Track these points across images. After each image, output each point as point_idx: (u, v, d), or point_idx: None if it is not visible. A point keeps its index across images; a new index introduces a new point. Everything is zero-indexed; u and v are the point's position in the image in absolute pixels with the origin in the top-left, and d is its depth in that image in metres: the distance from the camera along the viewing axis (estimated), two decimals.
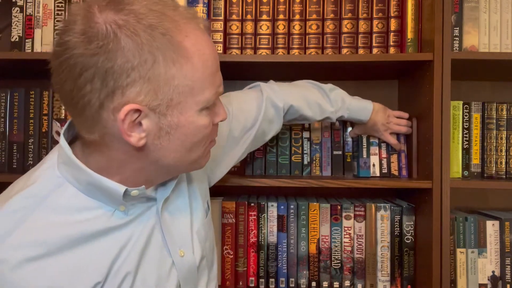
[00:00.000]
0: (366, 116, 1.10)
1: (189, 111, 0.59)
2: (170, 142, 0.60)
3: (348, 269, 1.17)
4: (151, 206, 0.68)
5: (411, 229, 1.15)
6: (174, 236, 0.70)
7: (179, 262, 0.69)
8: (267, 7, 1.15)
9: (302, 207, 1.17)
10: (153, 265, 0.66)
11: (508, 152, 1.15)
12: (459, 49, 1.10)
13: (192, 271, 0.72)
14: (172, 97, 0.57)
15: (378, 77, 1.35)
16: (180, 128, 0.60)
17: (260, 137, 0.97)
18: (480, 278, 1.13)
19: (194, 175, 0.80)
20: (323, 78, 1.35)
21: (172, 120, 0.59)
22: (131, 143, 0.58)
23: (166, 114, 0.58)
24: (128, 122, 0.56)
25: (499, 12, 1.10)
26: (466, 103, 1.16)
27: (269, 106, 0.95)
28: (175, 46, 0.56)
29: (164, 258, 0.68)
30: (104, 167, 0.61)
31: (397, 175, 1.17)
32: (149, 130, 0.58)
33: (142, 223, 0.66)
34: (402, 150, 1.17)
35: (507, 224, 1.13)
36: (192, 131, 0.61)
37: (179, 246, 0.70)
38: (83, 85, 0.54)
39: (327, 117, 1.06)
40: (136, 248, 0.64)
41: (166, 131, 0.59)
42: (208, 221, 0.80)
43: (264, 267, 1.18)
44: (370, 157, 1.17)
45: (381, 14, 1.14)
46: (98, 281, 0.60)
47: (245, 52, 1.15)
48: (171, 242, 0.69)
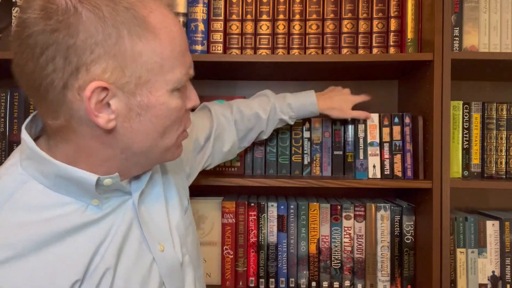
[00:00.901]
0: (314, 109, 1.08)
1: (160, 90, 0.57)
2: (141, 125, 0.58)
3: (348, 269, 1.17)
4: (126, 200, 0.65)
5: (411, 229, 1.15)
6: (152, 230, 0.67)
7: (160, 257, 0.67)
8: (267, 7, 1.15)
9: (302, 207, 1.17)
10: (133, 261, 0.64)
11: (508, 152, 1.15)
12: (459, 49, 1.10)
13: (175, 267, 0.70)
14: (140, 75, 0.55)
15: (378, 77, 1.35)
16: (151, 109, 0.57)
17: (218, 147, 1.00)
18: (480, 278, 1.13)
19: (169, 167, 0.78)
20: (323, 78, 1.36)
21: (142, 100, 0.56)
22: (100, 124, 0.55)
23: (135, 94, 0.56)
24: (95, 101, 0.53)
25: (499, 12, 1.10)
26: (466, 103, 1.16)
27: (219, 115, 1.00)
28: (140, 21, 0.54)
29: (144, 253, 0.65)
30: (72, 157, 0.58)
31: (400, 177, 1.13)
32: (118, 111, 0.55)
33: (119, 218, 0.63)
34: (407, 150, 1.14)
35: (507, 224, 1.13)
36: (164, 113, 0.59)
37: (159, 241, 0.68)
38: (45, 64, 0.51)
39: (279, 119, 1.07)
40: (114, 243, 0.61)
41: (137, 113, 0.57)
42: (188, 218, 0.79)
43: (264, 267, 1.18)
44: (369, 158, 1.14)
45: (381, 14, 1.14)
46: (77, 279, 0.57)
47: (245, 52, 1.15)
48: (149, 236, 0.66)
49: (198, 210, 1.20)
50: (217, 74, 1.33)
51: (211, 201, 1.21)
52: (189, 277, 0.74)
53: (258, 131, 1.06)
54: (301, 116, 1.09)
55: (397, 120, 1.14)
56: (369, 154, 1.13)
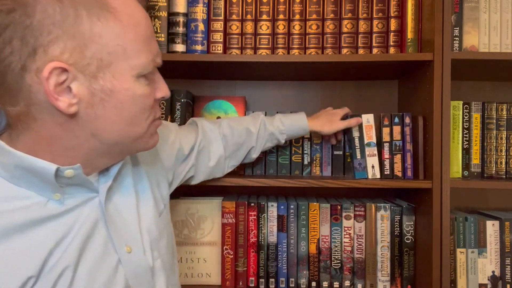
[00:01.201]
0: (304, 124, 1.07)
1: (124, 75, 0.56)
2: (106, 111, 0.56)
3: (348, 269, 1.17)
4: (93, 198, 0.62)
5: (411, 229, 1.15)
6: (120, 230, 0.65)
7: (126, 259, 0.64)
8: (267, 7, 1.15)
9: (302, 207, 1.17)
10: (97, 261, 0.61)
11: (508, 152, 1.15)
12: (459, 49, 1.10)
13: (143, 270, 0.67)
14: (102, 57, 0.54)
15: (378, 77, 1.35)
16: (115, 95, 0.56)
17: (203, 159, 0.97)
18: (480, 278, 1.13)
19: (142, 158, 0.75)
20: (323, 78, 1.36)
21: (105, 84, 0.55)
22: (61, 108, 0.53)
23: (97, 77, 0.54)
24: (54, 83, 0.52)
25: (499, 12, 1.10)
26: (466, 103, 1.16)
27: (206, 129, 0.98)
28: (99, 2, 0.53)
29: (108, 254, 0.63)
30: (33, 147, 0.56)
31: (400, 177, 1.13)
32: (80, 95, 0.54)
33: (83, 215, 0.61)
34: (407, 150, 1.13)
35: (507, 224, 1.13)
36: (129, 100, 0.57)
37: (126, 242, 0.65)
38: (2, 47, 0.50)
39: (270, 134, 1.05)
40: (76, 241, 0.59)
41: (100, 98, 0.55)
42: (163, 220, 0.76)
43: (264, 267, 1.18)
44: (367, 158, 1.13)
45: (381, 14, 1.14)
46: (31, 275, 0.54)
47: (245, 52, 1.15)
48: (116, 236, 0.64)
49: (198, 210, 1.20)
50: (217, 74, 1.33)
51: (211, 201, 1.21)
52: (161, 283, 0.71)
53: (248, 147, 1.04)
54: (291, 132, 1.07)
55: (397, 120, 1.14)
56: (367, 155, 1.13)
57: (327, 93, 1.39)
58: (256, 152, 1.06)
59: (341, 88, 1.39)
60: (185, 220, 1.20)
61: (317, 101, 1.39)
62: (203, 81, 1.40)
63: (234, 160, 1.05)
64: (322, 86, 1.40)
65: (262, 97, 1.39)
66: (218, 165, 1.00)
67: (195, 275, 1.19)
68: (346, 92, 1.39)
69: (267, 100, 1.39)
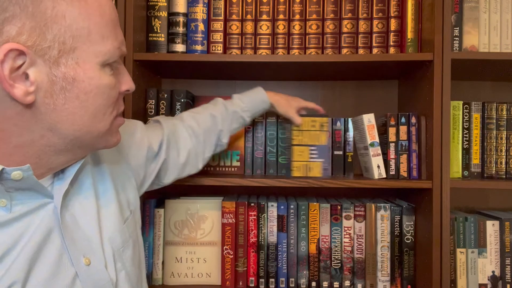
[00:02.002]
0: (263, 95, 1.06)
1: (88, 62, 0.51)
2: (67, 102, 0.50)
3: (348, 269, 1.17)
4: (46, 204, 0.55)
5: (411, 229, 1.15)
6: (77, 241, 0.58)
7: (84, 272, 0.57)
8: (267, 7, 1.15)
9: (302, 207, 1.17)
10: (49, 275, 0.54)
11: (508, 152, 1.15)
12: (459, 49, 1.10)
13: (104, 284, 0.60)
14: (64, 40, 0.48)
15: (378, 77, 1.35)
16: (78, 84, 0.50)
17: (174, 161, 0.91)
18: (480, 278, 1.13)
19: (105, 157, 0.68)
20: (323, 78, 1.36)
21: (68, 71, 0.49)
22: (16, 96, 0.47)
23: (59, 63, 0.49)
24: (9, 67, 0.46)
25: (499, 12, 1.10)
26: (466, 103, 1.16)
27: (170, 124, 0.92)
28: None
29: (64, 267, 0.56)
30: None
31: (406, 177, 1.12)
32: (38, 82, 0.48)
33: (34, 223, 0.54)
34: (413, 150, 1.12)
35: (507, 224, 1.13)
36: (93, 90, 0.52)
37: (84, 253, 0.58)
38: None
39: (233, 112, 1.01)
40: (24, 254, 0.52)
41: (61, 86, 0.49)
42: (128, 229, 0.69)
43: (264, 267, 1.18)
44: (372, 158, 1.12)
45: (381, 14, 1.14)
46: None
47: (245, 52, 1.15)
48: (73, 247, 0.57)
49: (198, 210, 1.20)
50: (217, 74, 1.33)
51: (211, 201, 1.21)
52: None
53: (216, 132, 0.99)
54: (253, 107, 1.04)
55: (403, 120, 1.13)
56: (371, 155, 1.12)
57: (327, 93, 1.39)
58: (225, 136, 1.01)
59: (341, 88, 1.39)
60: (185, 220, 1.20)
61: (317, 101, 1.39)
62: (203, 81, 1.40)
63: (207, 150, 0.99)
64: (322, 86, 1.40)
65: None
66: (189, 160, 0.94)
67: (195, 275, 1.19)
68: (346, 92, 1.39)
69: None
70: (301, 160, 1.16)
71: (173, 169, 0.92)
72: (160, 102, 1.16)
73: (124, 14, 1.07)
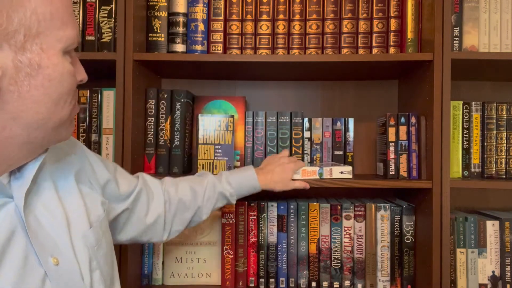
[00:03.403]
0: (254, 181, 0.98)
1: (52, 49, 0.50)
2: (32, 89, 0.48)
3: (348, 269, 1.17)
4: (6, 204, 0.53)
5: (411, 229, 1.15)
6: (43, 240, 0.55)
7: (54, 272, 0.55)
8: (267, 7, 1.15)
9: (302, 207, 1.17)
10: (16, 277, 0.51)
11: (508, 152, 1.15)
12: (459, 49, 1.10)
13: (75, 284, 0.58)
14: (30, 24, 0.47)
15: (378, 77, 1.35)
16: (43, 70, 0.49)
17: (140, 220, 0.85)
18: (480, 278, 1.13)
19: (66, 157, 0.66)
20: (323, 78, 1.36)
21: (33, 57, 0.48)
22: None
23: (25, 49, 0.47)
24: None
25: (499, 12, 1.10)
26: (466, 103, 1.16)
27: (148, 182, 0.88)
28: None
29: (32, 267, 0.53)
30: None
31: (406, 177, 1.12)
32: (3, 69, 0.46)
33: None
34: (413, 150, 1.12)
35: (507, 224, 1.13)
36: (57, 77, 0.50)
37: (51, 253, 0.56)
38: None
39: (219, 193, 0.95)
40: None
41: (26, 73, 0.47)
42: (101, 227, 0.67)
43: (264, 267, 1.18)
44: None
45: (381, 14, 1.14)
46: None
47: (245, 52, 1.15)
48: (39, 247, 0.54)
49: None
50: (217, 74, 1.33)
51: None
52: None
53: (193, 208, 0.92)
54: (242, 192, 0.98)
55: (403, 120, 1.13)
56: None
57: (327, 93, 1.39)
58: (205, 213, 0.94)
59: (341, 88, 1.39)
60: None
61: (317, 101, 1.39)
62: (203, 81, 1.40)
63: (176, 224, 0.91)
64: (322, 86, 1.40)
65: (262, 97, 1.39)
66: (155, 226, 0.87)
67: (195, 275, 1.19)
68: (346, 92, 1.39)
69: (267, 100, 1.39)
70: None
71: (135, 226, 0.85)
72: (160, 102, 1.16)
73: (124, 14, 1.07)
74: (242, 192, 0.98)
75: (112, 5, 1.13)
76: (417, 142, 1.13)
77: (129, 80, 1.07)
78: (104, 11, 1.13)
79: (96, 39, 1.13)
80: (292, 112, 1.20)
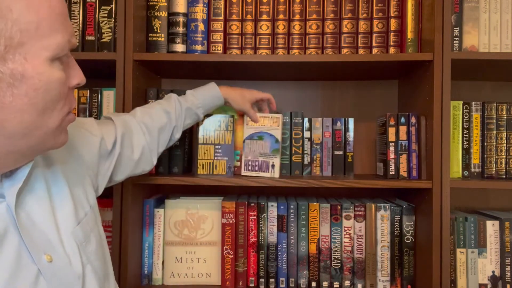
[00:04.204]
0: (217, 92, 1.07)
1: (37, 58, 0.49)
2: (15, 99, 0.48)
3: (348, 269, 1.17)
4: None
5: (411, 229, 1.15)
6: (35, 238, 0.57)
7: (47, 269, 0.56)
8: (267, 7, 1.15)
9: (302, 207, 1.17)
10: (9, 275, 0.53)
11: (508, 152, 1.15)
12: (459, 49, 1.10)
13: (69, 280, 0.60)
14: (11, 35, 0.47)
15: (378, 77, 1.35)
16: (27, 80, 0.48)
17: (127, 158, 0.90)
18: (480, 278, 1.13)
19: (57, 156, 0.67)
20: (323, 78, 1.36)
21: (15, 67, 0.47)
22: None
23: (6, 59, 0.47)
24: None
25: (499, 12, 1.10)
26: (466, 103, 1.16)
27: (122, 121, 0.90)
28: None
29: (25, 265, 0.55)
30: None
31: (406, 177, 1.13)
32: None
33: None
34: (413, 150, 1.12)
35: (507, 224, 1.13)
36: (43, 86, 0.50)
37: (44, 250, 0.57)
38: None
39: (186, 108, 1.02)
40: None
41: (8, 83, 0.47)
42: (88, 224, 0.68)
43: (264, 267, 1.18)
44: None
45: (381, 14, 1.14)
46: None
47: (245, 52, 1.15)
48: (32, 245, 0.55)
49: (198, 210, 1.20)
50: (217, 74, 1.33)
51: (211, 201, 1.21)
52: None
53: (170, 128, 1.00)
54: (207, 103, 1.05)
55: (403, 120, 1.13)
56: None
57: (327, 93, 1.39)
58: (178, 131, 1.02)
59: (341, 88, 1.39)
60: (185, 220, 1.20)
61: (317, 101, 1.39)
62: (203, 81, 1.40)
63: (161, 146, 0.99)
64: (322, 86, 1.40)
65: None
66: (143, 157, 0.93)
67: (195, 275, 1.19)
68: (346, 92, 1.39)
69: None
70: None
71: (126, 166, 0.90)
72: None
73: (124, 14, 1.07)
74: (206, 101, 1.05)
75: (112, 5, 1.13)
76: (417, 142, 1.13)
77: (129, 80, 1.07)
78: (104, 11, 1.13)
79: (96, 39, 1.13)
80: (292, 112, 1.20)
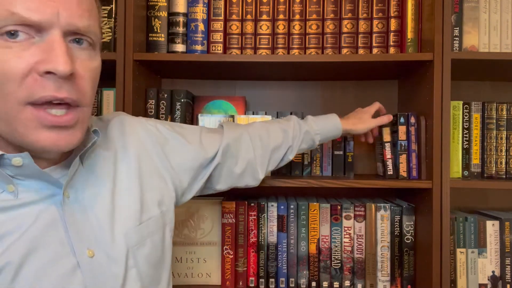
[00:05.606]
0: (338, 123, 1.01)
1: None
2: None
3: (348, 269, 1.17)
4: (56, 195, 0.56)
5: (411, 229, 1.15)
6: (82, 232, 0.58)
7: (86, 263, 0.57)
8: (267, 7, 1.15)
9: (302, 207, 1.17)
10: (46, 262, 0.54)
11: (508, 152, 1.15)
12: (459, 49, 1.10)
13: (108, 279, 0.59)
14: None
15: (378, 77, 1.35)
16: None
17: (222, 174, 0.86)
18: (480, 278, 1.13)
19: (137, 159, 0.67)
20: (323, 78, 1.36)
21: None
22: None
23: None
24: None
25: (499, 12, 1.10)
26: (466, 103, 1.16)
27: (231, 131, 0.87)
28: None
29: (64, 256, 0.56)
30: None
31: (405, 177, 1.12)
32: None
33: (39, 212, 0.55)
34: (413, 150, 1.12)
35: (507, 224, 1.13)
36: None
37: (88, 245, 0.58)
38: None
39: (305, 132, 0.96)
40: (25, 239, 0.53)
41: None
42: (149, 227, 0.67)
43: (264, 267, 1.18)
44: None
45: (381, 14, 1.14)
46: None
47: (245, 52, 1.15)
48: (76, 238, 0.57)
49: (198, 210, 1.20)
50: (217, 74, 1.33)
51: (211, 201, 1.21)
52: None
53: (286, 147, 0.93)
54: (325, 132, 0.99)
55: (402, 120, 1.13)
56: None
57: (327, 93, 1.39)
58: (292, 152, 0.95)
59: (341, 88, 1.39)
60: (185, 220, 1.20)
61: (317, 101, 1.39)
62: (203, 81, 1.40)
63: (271, 165, 0.93)
64: (322, 86, 1.40)
65: (262, 97, 1.39)
66: (247, 172, 0.88)
67: (195, 275, 1.19)
68: (346, 92, 1.39)
69: (267, 100, 1.39)
70: None
71: (227, 177, 0.86)
72: (160, 102, 1.16)
73: (124, 14, 1.07)
74: (325, 130, 0.99)
75: (112, 5, 1.13)
76: (417, 142, 1.13)
77: (129, 80, 1.07)
78: (104, 11, 1.13)
79: None
80: (292, 112, 1.20)
